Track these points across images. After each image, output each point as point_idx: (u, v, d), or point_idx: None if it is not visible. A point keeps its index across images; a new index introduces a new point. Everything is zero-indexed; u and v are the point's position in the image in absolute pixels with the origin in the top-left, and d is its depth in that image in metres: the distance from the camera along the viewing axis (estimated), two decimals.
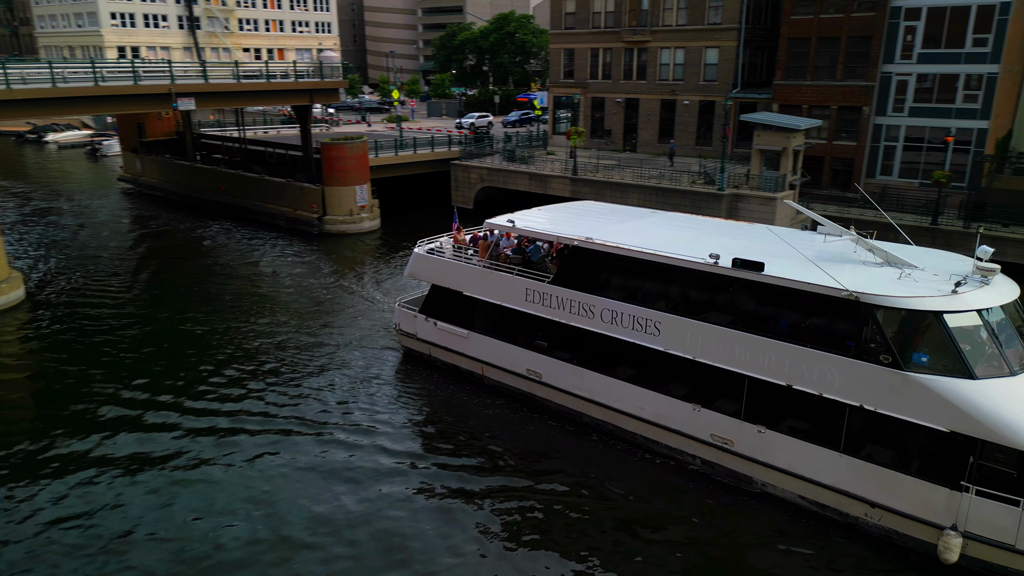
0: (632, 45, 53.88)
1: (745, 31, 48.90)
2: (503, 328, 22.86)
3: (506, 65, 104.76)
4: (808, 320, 16.92)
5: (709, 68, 50.79)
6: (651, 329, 19.12)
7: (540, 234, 22.35)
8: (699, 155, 50.30)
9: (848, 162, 43.94)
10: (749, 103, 48.08)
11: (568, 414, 21.79)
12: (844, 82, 43.04)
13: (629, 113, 55.81)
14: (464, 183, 51.59)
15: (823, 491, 16.84)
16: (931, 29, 39.82)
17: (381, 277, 37.18)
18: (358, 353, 27.04)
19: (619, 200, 42.95)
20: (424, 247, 25.16)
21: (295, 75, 46.22)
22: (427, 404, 23.41)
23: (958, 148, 39.76)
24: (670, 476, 19.06)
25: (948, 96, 40.02)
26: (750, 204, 38.13)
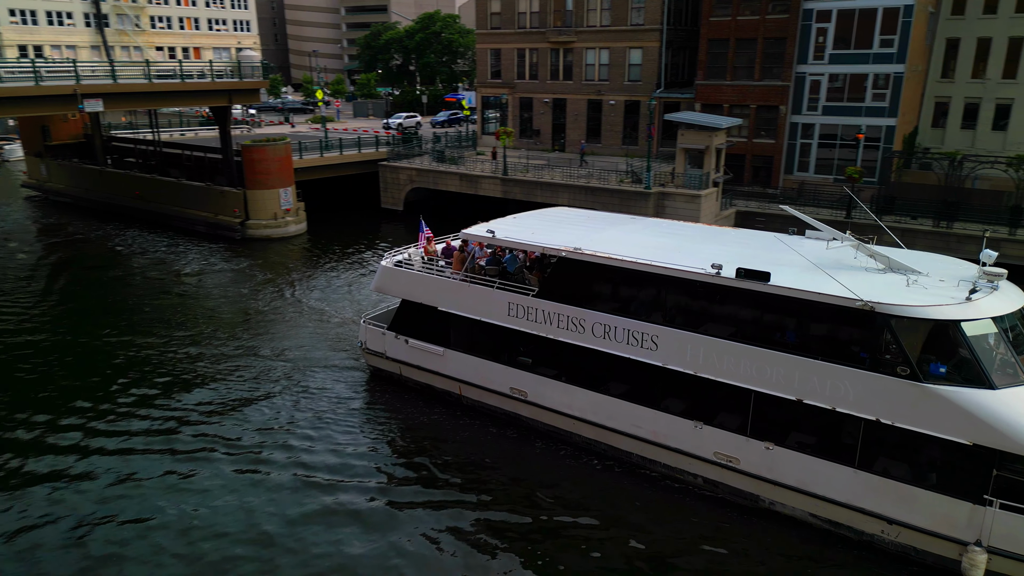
0: (558, 46, 54.27)
1: (667, 32, 49.93)
2: (483, 345, 21.47)
3: (433, 65, 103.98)
4: (819, 331, 16.26)
5: (633, 68, 51.64)
6: (648, 343, 18.09)
7: (524, 244, 20.75)
8: (626, 154, 51.08)
9: (768, 159, 45.45)
10: (673, 103, 49.12)
11: (556, 434, 20.53)
12: (762, 82, 44.49)
13: (557, 113, 56.20)
14: (393, 184, 50.83)
15: (836, 508, 16.15)
16: (841, 31, 41.59)
17: (317, 284, 35.96)
18: (317, 373, 25.07)
19: (550, 200, 43.16)
20: (391, 259, 23.55)
21: (212, 75, 44.47)
22: (400, 427, 21.77)
23: (869, 144, 41.67)
24: (672, 496, 18.07)
25: (858, 95, 41.89)
26: (676, 202, 38.92)
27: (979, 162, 38.51)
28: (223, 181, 46.22)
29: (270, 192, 44.10)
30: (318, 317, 30.87)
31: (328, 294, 34.15)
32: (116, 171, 53.78)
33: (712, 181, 38.98)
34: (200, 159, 51.40)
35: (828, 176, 43.30)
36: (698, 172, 38.75)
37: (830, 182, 42.78)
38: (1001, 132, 43.48)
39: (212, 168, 48.95)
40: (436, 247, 24.14)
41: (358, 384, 24.50)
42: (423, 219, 25.07)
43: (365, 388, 24.25)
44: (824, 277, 15.99)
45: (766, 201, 42.40)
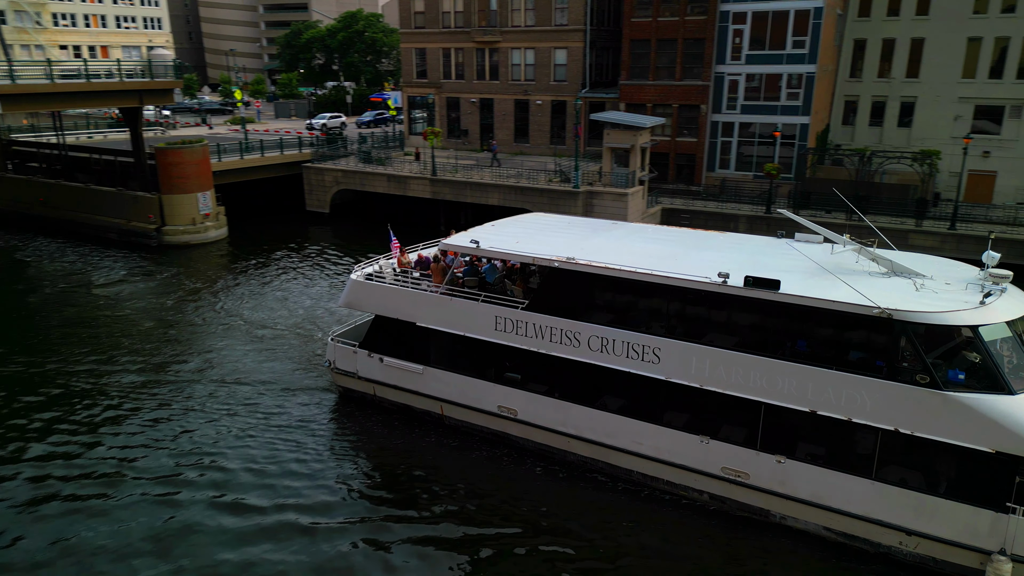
0: (483, 45, 54.13)
1: (590, 32, 50.50)
2: (467, 362, 20.33)
3: (357, 64, 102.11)
4: (833, 340, 15.82)
5: (559, 68, 52.01)
6: (649, 356, 17.27)
7: (512, 255, 19.55)
8: (554, 153, 51.42)
9: (691, 157, 46.57)
10: (598, 102, 49.73)
11: (549, 453, 19.58)
12: (683, 82, 45.54)
13: (484, 113, 56.06)
14: (318, 186, 49.60)
15: (852, 521, 15.75)
16: (756, 32, 42.97)
17: (247, 292, 34.43)
18: (271, 394, 23.41)
19: (480, 200, 43.05)
20: (361, 272, 22.06)
21: (121, 75, 42.29)
22: (377, 452, 20.33)
23: (785, 142, 43.23)
24: (677, 514, 17.37)
25: (774, 94, 43.39)
26: (604, 200, 39.40)
27: (886, 157, 40.52)
28: (136, 186, 44.07)
29: (187, 196, 42.30)
30: (258, 330, 29.33)
31: (261, 303, 32.78)
32: (17, 177, 50.54)
33: (638, 179, 39.64)
34: (110, 163, 48.82)
35: (748, 173, 44.70)
36: (625, 171, 39.33)
37: (750, 178, 44.19)
38: (906, 128, 45.86)
39: (124, 172, 46.57)
40: (410, 257, 22.89)
41: (325, 406, 22.81)
42: (391, 228, 23.86)
43: (334, 410, 22.57)
44: (834, 284, 15.58)
45: (690, 198, 43.46)
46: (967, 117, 43.78)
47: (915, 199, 38.44)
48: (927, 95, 44.81)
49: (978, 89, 43.40)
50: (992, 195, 43.09)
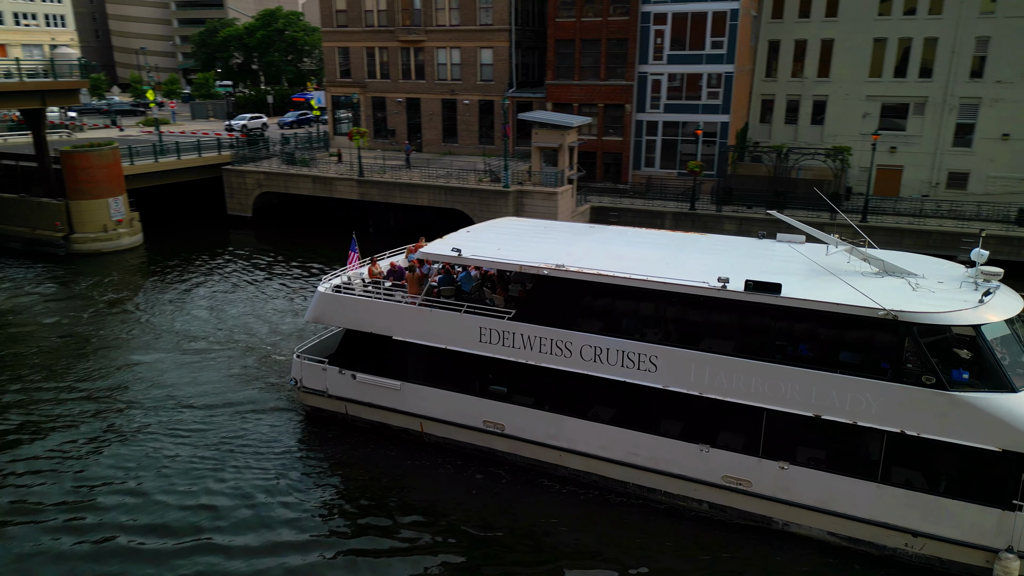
0: (408, 45, 53.51)
1: (516, 32, 50.63)
2: (449, 376, 19.42)
3: (277, 64, 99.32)
4: (836, 343, 15.63)
5: (485, 68, 51.92)
6: (646, 365, 16.84)
7: (498, 263, 18.74)
8: (483, 153, 51.33)
9: (617, 156, 47.31)
10: (526, 102, 49.90)
11: (539, 468, 18.86)
12: (607, 81, 46.20)
13: (411, 113, 55.44)
14: (239, 189, 47.95)
15: (856, 525, 15.65)
16: (676, 33, 43.99)
17: (171, 302, 32.76)
18: (230, 417, 21.78)
19: (408, 200, 42.52)
20: (328, 284, 20.82)
21: (21, 74, 39.73)
22: (355, 475, 19.11)
23: (707, 140, 44.42)
24: (677, 525, 16.95)
25: (695, 93, 44.52)
26: (534, 200, 39.55)
27: (802, 154, 42.18)
28: (40, 191, 41.49)
29: (97, 202, 40.13)
30: (189, 343, 27.80)
31: (188, 313, 31.24)
32: None
33: (567, 178, 39.96)
34: (11, 168, 45.74)
35: (672, 170, 45.73)
36: (553, 170, 39.58)
37: (674, 176, 45.22)
38: (819, 126, 47.88)
39: (26, 177, 43.73)
40: (381, 267, 21.74)
41: (289, 428, 21.34)
42: (355, 236, 22.65)
43: (302, 432, 21.14)
44: (834, 285, 15.55)
45: (618, 196, 44.14)
46: (875, 114, 46.04)
47: (829, 193, 40.14)
48: (837, 94, 46.90)
49: (884, 88, 45.72)
50: (899, 188, 45.50)
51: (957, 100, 44.00)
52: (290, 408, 22.47)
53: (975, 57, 43.16)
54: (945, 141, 44.78)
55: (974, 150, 44.36)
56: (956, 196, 42.77)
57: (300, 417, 21.97)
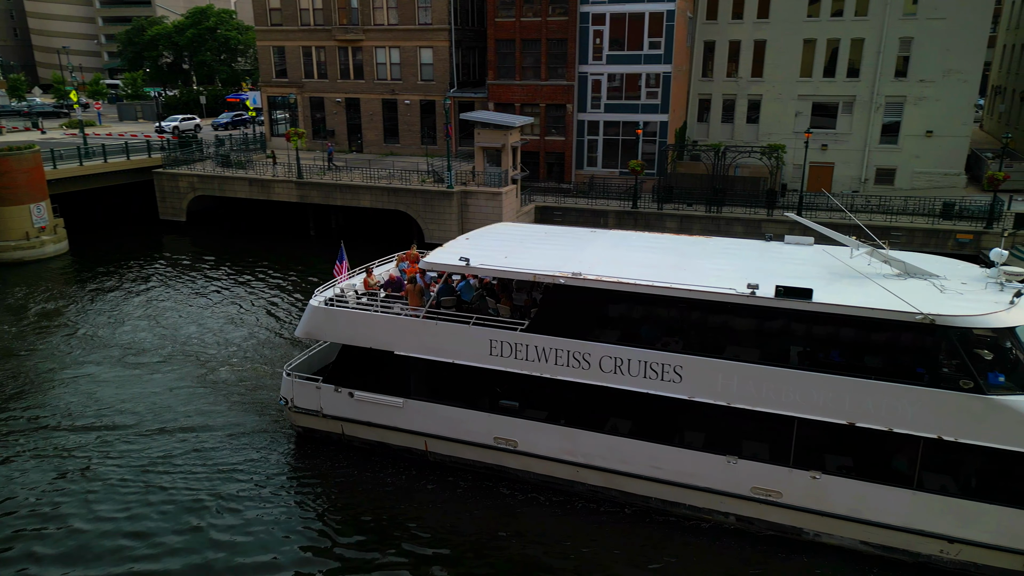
0: (346, 44, 52.58)
1: (456, 32, 50.31)
2: (456, 391, 18.58)
3: (210, 63, 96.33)
4: (870, 349, 15.33)
5: (426, 68, 51.44)
6: (670, 375, 16.27)
7: (509, 272, 17.82)
8: (426, 154, 50.84)
9: (560, 155, 47.52)
10: (467, 102, 49.65)
11: (553, 484, 18.18)
12: (548, 81, 46.35)
13: (351, 113, 54.50)
14: (172, 193, 46.24)
15: (891, 533, 15.45)
16: (615, 33, 44.45)
17: (107, 313, 31.18)
18: (208, 439, 20.54)
19: (350, 201, 41.74)
20: (321, 297, 19.70)
21: None
22: (356, 498, 18.12)
23: (647, 139, 45.03)
24: (703, 540, 16.42)
25: (634, 93, 45.08)
26: (479, 200, 39.35)
27: (738, 152, 43.16)
28: None
29: (18, 208, 38.11)
30: (133, 356, 26.39)
31: (127, 324, 29.75)
32: None
33: (511, 178, 39.91)
34: None
35: (615, 169, 46.19)
36: (497, 170, 39.47)
37: (616, 175, 45.69)
38: (754, 125, 49.11)
39: None
40: (377, 278, 20.84)
41: (279, 450, 20.18)
42: (343, 245, 21.62)
43: (293, 455, 20.03)
44: (864, 289, 15.41)
45: (561, 196, 44.32)
46: (806, 113, 47.50)
47: (765, 190, 41.24)
48: (771, 93, 48.20)
49: (814, 87, 47.21)
50: (831, 184, 47.05)
51: (883, 99, 45.77)
52: (277, 429, 21.24)
53: (899, 57, 44.98)
54: (873, 138, 46.54)
55: (900, 147, 46.24)
56: (884, 191, 44.48)
57: (290, 439, 20.77)
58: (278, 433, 21.12)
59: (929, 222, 37.28)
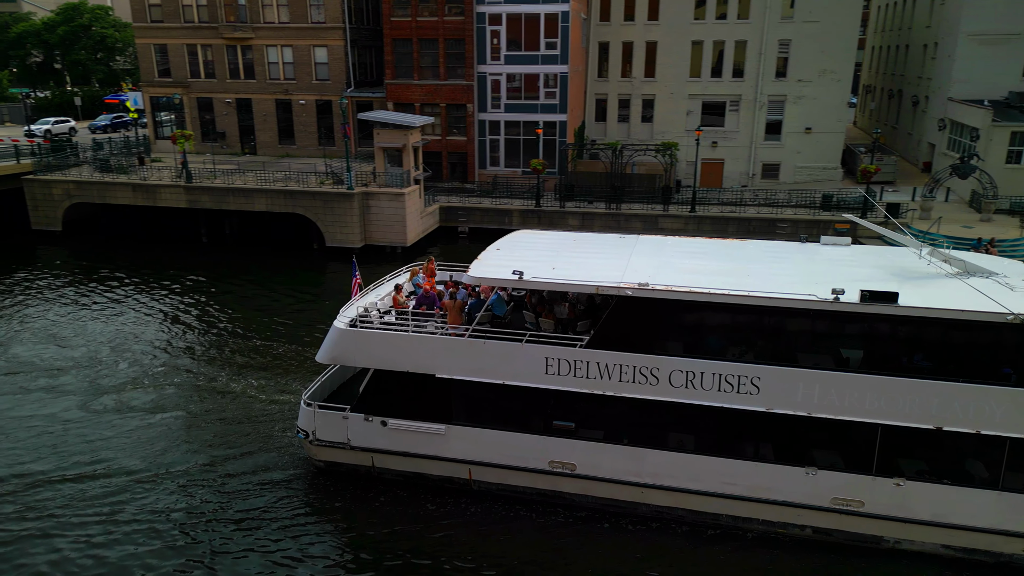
0: (234, 42, 50.46)
1: (351, 31, 49.26)
2: (506, 414, 17.41)
3: (85, 63, 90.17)
4: (956, 351, 15.05)
5: (320, 67, 50.09)
6: (747, 387, 15.65)
7: (566, 284, 16.71)
8: (324, 155, 49.52)
9: (462, 155, 47.41)
10: (366, 102, 48.73)
11: (615, 508, 17.29)
12: (447, 81, 46.15)
13: (243, 114, 52.35)
14: (45, 201, 42.92)
15: (973, 535, 15.36)
16: (512, 34, 44.78)
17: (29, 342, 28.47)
18: (233, 485, 18.52)
19: (244, 206, 40.09)
20: (345, 319, 17.97)
21: None
22: (396, 539, 16.59)
23: (547, 138, 45.62)
24: (779, 555, 15.89)
25: (533, 93, 45.58)
26: (381, 201, 38.67)
27: (635, 150, 44.42)
28: None
29: None
30: (40, 376, 24.23)
31: (25, 347, 27.12)
32: None
33: (413, 179, 39.45)
34: None
35: (517, 169, 46.53)
36: (399, 170, 38.92)
37: (519, 174, 46.04)
38: (649, 123, 50.71)
39: None
40: (404, 297, 19.35)
41: (298, 488, 18.43)
42: (355, 260, 20.02)
43: (317, 492, 18.30)
44: (943, 290, 15.27)
45: (465, 196, 44.24)
46: (697, 112, 49.49)
47: (660, 187, 42.64)
48: (663, 93, 49.90)
49: (703, 87, 49.24)
50: (722, 180, 49.23)
51: (766, 98, 48.30)
52: (293, 464, 19.51)
53: (779, 58, 47.60)
54: (758, 135, 49.04)
55: (783, 143, 48.94)
56: (770, 185, 46.97)
57: (310, 476, 19.02)
58: (293, 469, 19.31)
59: (811, 213, 39.64)
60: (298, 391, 22.39)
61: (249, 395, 23.26)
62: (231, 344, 27.44)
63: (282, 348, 26.90)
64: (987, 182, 37.53)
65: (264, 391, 23.44)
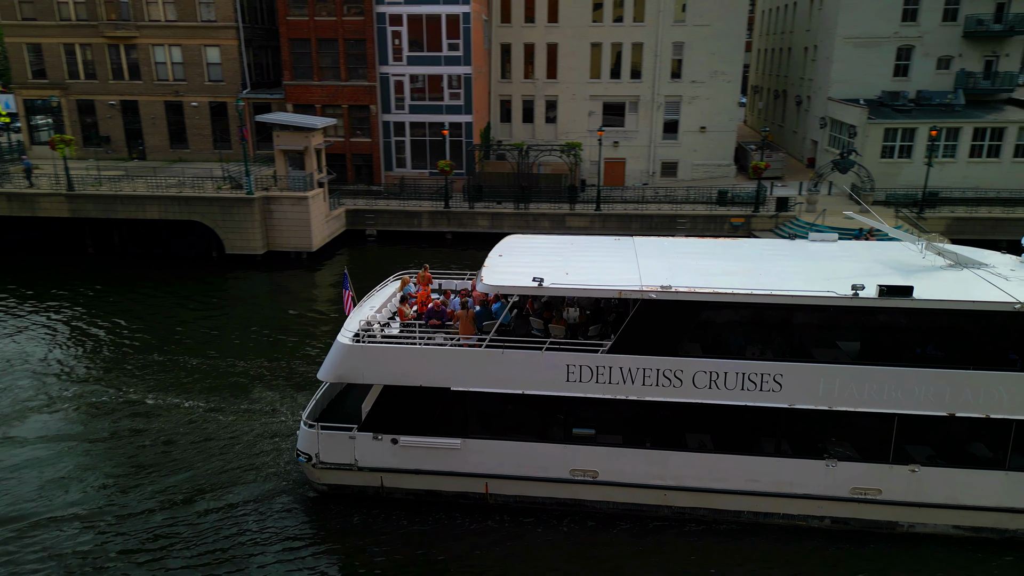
0: (116, 41, 47.58)
1: (245, 30, 47.46)
2: (525, 424, 17.12)
3: None
4: (967, 340, 15.78)
5: (213, 68, 47.99)
6: (769, 384, 15.91)
7: (588, 290, 16.58)
8: (220, 159, 47.47)
9: (367, 157, 46.62)
10: (263, 103, 47.10)
11: (636, 512, 17.26)
12: (349, 82, 45.26)
13: (129, 117, 49.44)
14: None
15: (981, 514, 16.20)
16: (413, 34, 44.43)
17: None
18: (228, 518, 17.30)
19: (135, 214, 37.93)
20: (349, 334, 17.15)
21: None
22: (415, 558, 16.04)
23: (454, 139, 45.54)
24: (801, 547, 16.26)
25: (437, 94, 45.38)
26: (283, 205, 37.47)
27: (540, 151, 45.03)
28: None
29: None
30: None
31: None
32: None
33: (317, 182, 38.46)
34: None
35: (424, 170, 46.21)
36: (301, 173, 37.84)
37: (427, 175, 45.75)
38: (553, 124, 51.49)
39: None
40: (408, 307, 18.72)
41: (300, 515, 17.46)
42: (347, 272, 18.83)
43: (323, 516, 17.44)
44: (948, 283, 15.91)
45: (372, 198, 43.54)
46: (598, 112, 50.68)
47: (566, 186, 43.42)
48: (565, 94, 50.81)
49: (604, 88, 50.48)
50: (624, 179, 50.64)
51: (663, 98, 50.06)
52: (289, 489, 18.43)
53: (674, 60, 49.42)
54: (657, 135, 50.75)
55: (680, 142, 50.86)
56: (669, 183, 48.71)
57: (311, 502, 18.03)
58: (289, 494, 18.23)
59: (708, 209, 41.40)
60: (226, 407, 21.61)
61: (184, 414, 21.97)
62: (135, 360, 25.92)
63: (195, 361, 25.73)
64: (865, 176, 40.36)
65: (193, 412, 22.21)
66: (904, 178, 43.49)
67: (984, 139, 43.97)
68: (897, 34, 47.19)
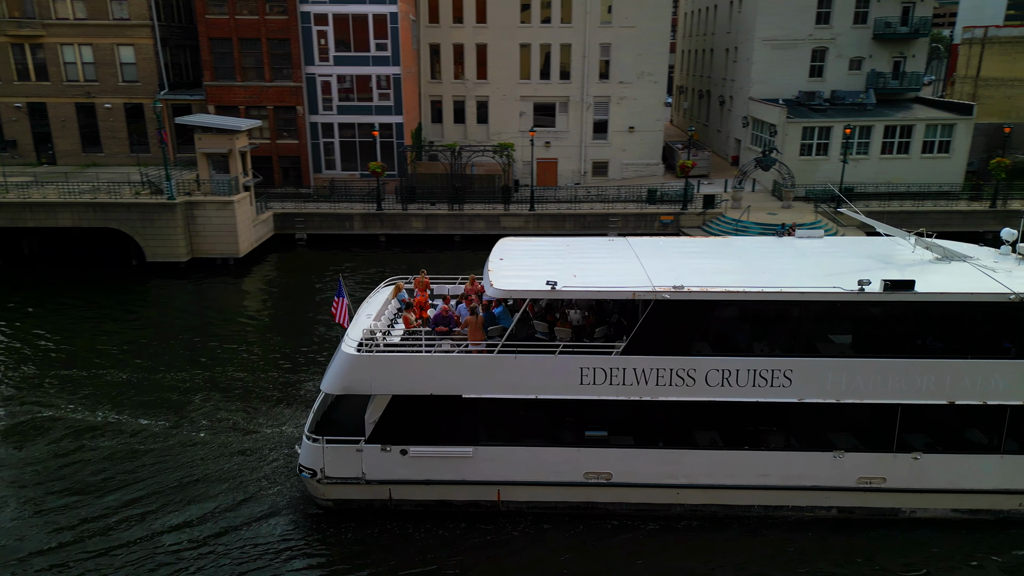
0: (21, 40, 44.88)
1: (161, 29, 45.53)
2: (538, 429, 16.96)
3: None
4: (966, 330, 16.35)
5: (127, 68, 45.84)
6: (779, 380, 16.20)
7: (604, 291, 16.66)
8: (138, 163, 45.35)
9: (295, 159, 45.47)
10: (183, 105, 45.30)
11: (648, 511, 17.34)
12: (274, 83, 44.05)
13: (37, 119, 46.69)
14: None
15: (978, 496, 16.86)
16: (340, 34, 43.59)
17: None
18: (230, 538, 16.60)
19: (45, 222, 35.94)
20: (352, 344, 16.57)
21: None
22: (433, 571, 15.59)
23: (384, 140, 44.90)
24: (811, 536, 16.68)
25: (366, 94, 44.67)
26: (208, 210, 36.14)
27: (473, 152, 44.91)
28: None
29: None
30: None
31: None
32: None
33: (243, 185, 37.27)
34: None
35: (355, 172, 45.40)
36: (226, 177, 36.59)
37: (358, 177, 44.97)
38: (484, 125, 51.38)
39: None
40: (411, 315, 18.30)
41: (305, 534, 16.88)
42: (342, 280, 18.12)
43: (331, 533, 16.91)
44: (944, 276, 16.50)
45: (301, 201, 42.52)
46: (529, 113, 50.88)
47: (500, 187, 43.45)
48: (496, 94, 50.81)
49: (534, 89, 50.73)
50: (557, 178, 51.04)
51: (592, 99, 50.69)
52: (288, 506, 17.82)
53: (601, 61, 50.09)
54: (587, 135, 51.35)
55: (609, 142, 51.62)
56: (600, 182, 49.38)
57: (314, 519, 17.45)
58: (289, 511, 17.64)
59: (639, 208, 42.17)
60: (166, 422, 20.97)
61: (115, 430, 20.94)
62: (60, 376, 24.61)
63: (124, 375, 24.59)
64: (786, 173, 41.92)
65: (124, 425, 21.24)
66: (822, 174, 45.37)
67: (894, 136, 46.31)
68: (812, 36, 49.23)
